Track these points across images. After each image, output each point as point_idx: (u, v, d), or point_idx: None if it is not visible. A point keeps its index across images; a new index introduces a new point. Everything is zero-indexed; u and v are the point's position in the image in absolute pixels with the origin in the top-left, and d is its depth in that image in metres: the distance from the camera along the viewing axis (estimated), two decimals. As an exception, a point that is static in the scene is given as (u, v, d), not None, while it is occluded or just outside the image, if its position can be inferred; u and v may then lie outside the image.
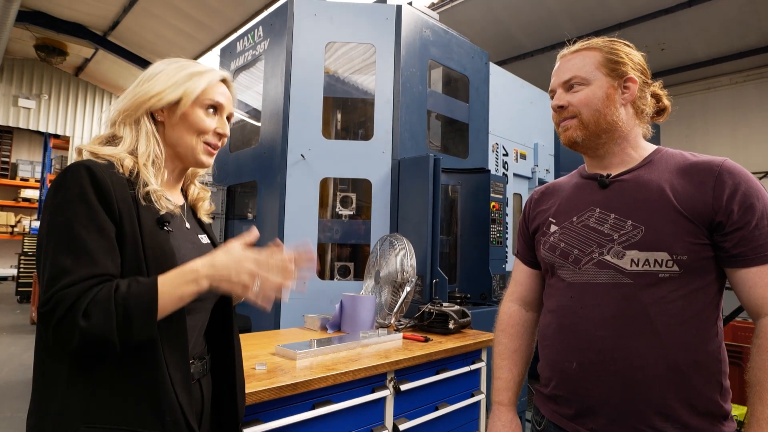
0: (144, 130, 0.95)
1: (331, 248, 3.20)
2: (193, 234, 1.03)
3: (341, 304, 2.20)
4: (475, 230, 2.99)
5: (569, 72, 1.04)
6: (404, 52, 2.95)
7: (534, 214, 1.19)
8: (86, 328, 0.72)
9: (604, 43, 1.04)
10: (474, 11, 5.73)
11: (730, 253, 0.89)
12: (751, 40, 5.47)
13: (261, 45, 3.16)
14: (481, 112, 3.48)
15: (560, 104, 1.04)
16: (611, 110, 0.99)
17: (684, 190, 0.91)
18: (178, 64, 1.00)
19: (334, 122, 3.40)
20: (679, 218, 0.90)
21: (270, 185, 2.92)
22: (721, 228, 0.88)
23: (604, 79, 1.00)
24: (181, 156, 1.00)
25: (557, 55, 1.10)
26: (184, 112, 0.97)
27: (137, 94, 0.95)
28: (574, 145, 1.05)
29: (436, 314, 2.23)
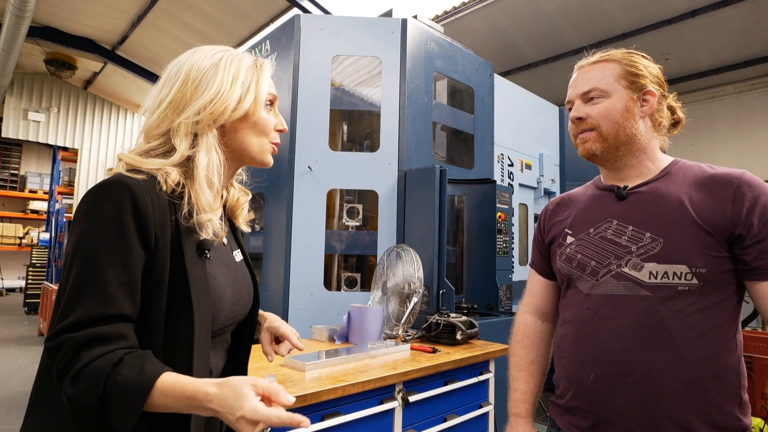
0: (205, 141, 0.82)
1: (338, 259, 3.21)
2: (228, 252, 0.91)
3: (349, 315, 2.21)
4: (481, 241, 2.99)
5: (588, 84, 1.04)
6: (410, 64, 2.99)
7: (549, 225, 1.19)
8: (71, 394, 0.66)
9: (622, 55, 1.04)
10: (478, 22, 5.79)
11: (750, 266, 0.88)
12: (755, 49, 5.48)
13: (268, 59, 3.20)
14: (486, 123, 3.50)
15: (579, 116, 1.04)
16: (630, 123, 1.00)
17: (703, 203, 0.91)
18: (230, 57, 0.87)
19: (340, 134, 3.43)
20: (698, 231, 0.89)
21: (277, 197, 2.95)
22: (740, 241, 0.88)
23: (624, 91, 1.01)
24: (243, 159, 0.90)
25: (565, 65, 1.13)
26: (254, 116, 0.87)
27: (206, 102, 0.81)
28: (593, 158, 1.05)
29: (443, 325, 2.23)
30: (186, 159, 0.81)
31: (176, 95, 0.83)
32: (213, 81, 0.83)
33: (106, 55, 8.73)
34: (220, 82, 0.83)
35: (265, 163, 0.92)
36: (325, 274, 3.20)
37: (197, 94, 0.83)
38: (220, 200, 0.94)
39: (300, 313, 2.75)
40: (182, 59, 0.87)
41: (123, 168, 0.78)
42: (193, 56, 0.87)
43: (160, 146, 0.82)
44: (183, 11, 6.85)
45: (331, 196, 3.22)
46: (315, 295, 2.80)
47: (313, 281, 2.82)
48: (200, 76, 0.84)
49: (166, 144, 0.82)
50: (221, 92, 0.83)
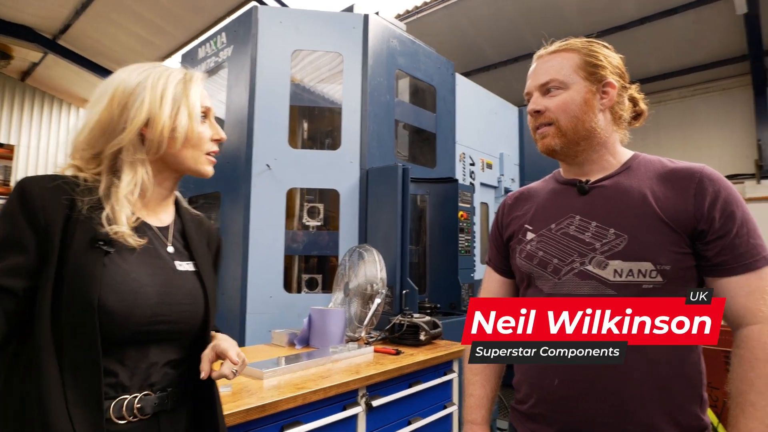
0: (129, 159, 0.84)
1: (298, 260, 3.12)
2: (163, 257, 0.89)
3: (309, 318, 2.13)
4: (443, 240, 2.98)
5: (546, 75, 1.00)
6: (371, 61, 2.93)
7: (508, 221, 1.13)
8: None
9: (582, 44, 1.01)
10: (439, 23, 5.82)
11: (711, 262, 0.87)
12: (698, 57, 5.79)
13: (224, 52, 3.07)
14: (448, 122, 3.50)
15: (537, 109, 1.00)
16: (589, 116, 0.97)
17: (666, 198, 0.89)
18: (157, 74, 0.88)
19: (300, 131, 3.33)
20: (662, 227, 0.87)
21: (234, 196, 2.82)
22: (702, 236, 0.87)
23: (583, 83, 0.97)
24: (179, 170, 0.92)
25: (524, 66, 1.08)
26: (191, 134, 0.88)
27: (122, 123, 0.83)
28: (552, 153, 1.02)
29: (407, 326, 2.19)
30: (114, 175, 0.83)
31: (103, 116, 0.84)
32: (141, 101, 0.84)
33: (47, 44, 8.16)
34: (149, 104, 0.84)
35: (203, 173, 0.93)
36: (286, 276, 3.09)
37: (126, 115, 0.84)
38: (173, 208, 0.97)
39: (259, 317, 2.65)
40: (110, 78, 0.88)
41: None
42: (119, 75, 0.87)
43: (88, 165, 0.85)
44: (135, 2, 6.50)
45: (292, 195, 3.12)
46: (274, 298, 2.70)
47: (273, 283, 2.72)
48: (127, 97, 0.84)
49: (94, 164, 0.85)
50: (152, 115, 0.84)
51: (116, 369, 0.80)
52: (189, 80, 0.91)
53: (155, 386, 0.85)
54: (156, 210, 0.93)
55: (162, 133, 0.85)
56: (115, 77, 0.87)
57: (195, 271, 0.93)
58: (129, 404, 0.80)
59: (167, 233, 0.93)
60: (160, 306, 0.84)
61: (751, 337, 0.82)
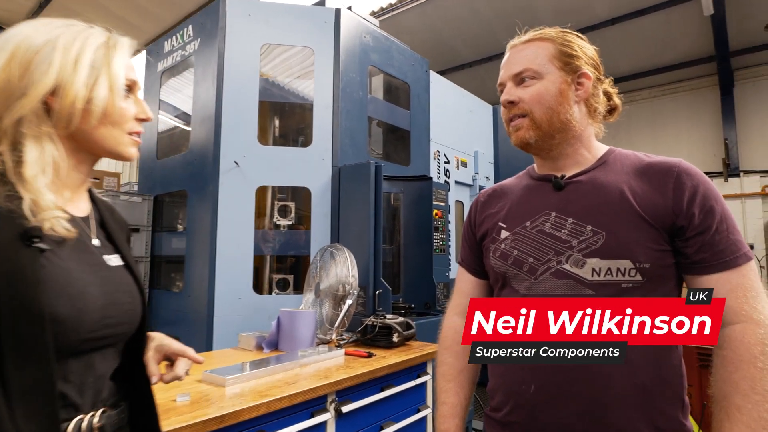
0: (32, 132, 0.68)
1: (269, 260, 3.03)
2: (94, 253, 0.79)
3: (278, 320, 2.06)
4: (418, 238, 2.94)
5: (520, 64, 0.96)
6: (344, 56, 2.87)
7: (481, 219, 1.08)
8: None
9: (557, 33, 0.98)
10: (414, 21, 5.79)
11: (691, 259, 0.84)
12: (667, 57, 5.91)
13: (191, 45, 2.96)
14: (422, 119, 3.46)
15: (510, 99, 0.96)
16: (564, 108, 0.93)
17: (644, 193, 0.86)
18: (72, 34, 0.72)
19: (272, 128, 3.24)
20: (640, 223, 0.84)
21: (201, 194, 2.72)
22: (682, 233, 0.84)
23: (558, 73, 0.94)
24: (96, 152, 0.79)
25: (498, 65, 1.03)
26: (110, 110, 0.74)
27: (23, 87, 0.67)
28: (527, 146, 0.98)
29: (379, 327, 2.14)
30: (17, 153, 0.68)
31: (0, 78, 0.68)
32: (49, 64, 0.69)
33: (8, 38, 7.82)
34: (59, 67, 0.69)
35: (125, 156, 0.80)
36: (256, 277, 3.01)
37: (28, 79, 0.68)
38: (88, 197, 0.84)
39: (227, 320, 2.55)
40: (11, 32, 0.71)
41: None
42: (22, 30, 0.71)
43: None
44: (99, -7, 6.27)
45: (263, 193, 3.03)
46: (243, 300, 2.61)
47: (242, 285, 2.63)
48: (31, 57, 0.69)
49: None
50: (62, 82, 0.69)
51: (63, 387, 0.68)
52: (113, 46, 0.77)
53: (108, 401, 0.75)
54: (73, 198, 0.80)
55: (74, 104, 0.71)
56: (17, 32, 0.72)
57: (124, 265, 0.83)
58: (88, 425, 0.70)
59: (89, 224, 0.81)
60: (107, 307, 0.74)
61: (733, 337, 0.78)
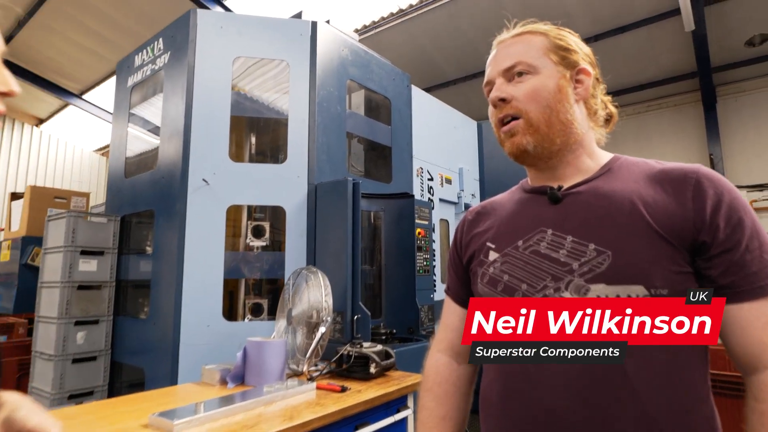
0: None
1: (244, 285, 2.87)
2: None
3: (244, 351, 1.89)
4: (399, 259, 2.80)
5: (512, 58, 0.83)
6: (320, 70, 2.76)
7: (468, 240, 0.94)
8: None
9: (549, 27, 0.86)
10: (397, 38, 5.75)
11: (717, 283, 0.68)
12: (650, 73, 5.93)
13: (161, 59, 2.83)
14: (404, 135, 3.36)
15: (501, 96, 0.83)
16: (564, 107, 0.80)
17: (656, 203, 0.72)
18: None
19: (247, 144, 3.11)
20: (655, 239, 0.69)
21: (168, 214, 2.56)
22: (704, 250, 0.69)
23: (555, 68, 0.81)
24: None
25: (482, 82, 0.91)
26: None
27: None
28: (524, 155, 0.84)
29: (355, 357, 1.98)
30: None
31: None
32: None
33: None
34: None
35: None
36: (230, 302, 2.84)
37: None
38: None
39: (193, 350, 2.37)
40: None
41: None
42: None
43: None
44: (79, 12, 6.15)
45: (238, 213, 2.88)
46: (212, 327, 2.44)
47: (211, 311, 2.45)
48: None
49: None
50: None
51: None
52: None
53: None
54: None
55: None
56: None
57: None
58: None
59: None
60: None
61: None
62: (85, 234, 2.71)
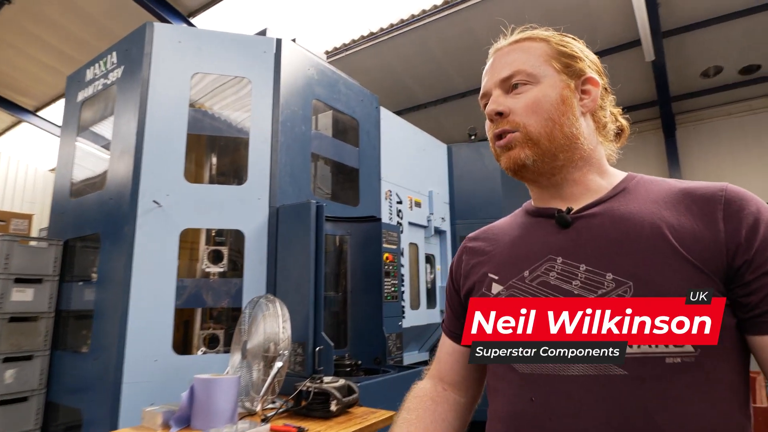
0: None
1: (200, 314, 2.67)
2: None
3: (191, 390, 1.71)
4: (366, 285, 2.67)
5: (510, 67, 0.76)
6: (285, 89, 2.66)
7: (467, 269, 0.85)
8: None
9: (551, 33, 0.78)
10: (368, 61, 5.75)
11: (757, 310, 0.60)
12: (612, 102, 6.10)
13: (114, 73, 2.68)
14: (372, 157, 3.28)
15: (498, 110, 0.75)
16: (569, 119, 0.72)
17: (682, 226, 0.63)
18: None
19: (207, 165, 2.96)
20: (682, 266, 0.61)
21: (115, 238, 2.37)
22: (740, 276, 0.61)
23: (557, 76, 0.74)
24: None
25: (453, 107, 0.84)
26: None
27: None
28: (522, 170, 0.76)
29: (315, 393, 1.82)
30: None
31: None
32: None
33: (-69, 70, 7.23)
34: None
35: None
36: (184, 334, 2.64)
37: None
38: None
39: (138, 388, 2.15)
40: None
41: None
42: None
43: None
44: (35, 25, 5.90)
45: (196, 237, 2.71)
46: (161, 362, 2.23)
47: (159, 344, 2.25)
48: None
49: None
50: None
51: None
52: None
53: None
54: None
55: None
56: None
57: None
58: None
59: None
60: None
61: None
62: (21, 260, 2.47)
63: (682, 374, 0.59)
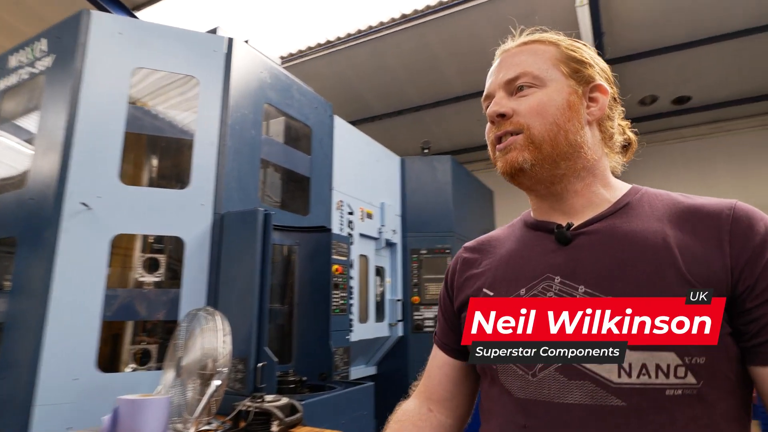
0: None
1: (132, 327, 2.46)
2: None
3: (114, 413, 1.55)
4: (314, 297, 2.58)
5: (516, 68, 0.73)
6: (235, 90, 2.54)
7: (461, 281, 0.83)
8: None
9: (561, 37, 0.76)
10: (323, 69, 5.68)
11: (757, 339, 0.57)
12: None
13: (42, 62, 2.45)
14: (324, 166, 3.20)
15: (501, 111, 0.72)
16: (574, 126, 0.70)
17: (687, 247, 0.61)
18: None
19: (146, 166, 2.76)
20: (687, 291, 0.59)
21: (34, 243, 2.13)
22: (740, 303, 0.59)
23: (565, 81, 0.71)
24: None
25: (407, 119, 0.80)
26: None
27: None
28: (519, 174, 0.72)
29: (255, 413, 1.70)
30: None
31: None
32: None
33: None
34: None
35: None
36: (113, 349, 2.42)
37: None
38: None
39: (53, 410, 1.93)
40: None
41: None
42: None
43: None
44: (-44, 7, 5.38)
45: (131, 243, 2.50)
46: (82, 381, 2.02)
47: (81, 360, 2.04)
48: None
49: None
50: None
51: None
52: None
53: None
54: None
55: None
56: None
57: None
58: None
59: None
60: None
61: None
62: None
63: (684, 407, 0.57)
